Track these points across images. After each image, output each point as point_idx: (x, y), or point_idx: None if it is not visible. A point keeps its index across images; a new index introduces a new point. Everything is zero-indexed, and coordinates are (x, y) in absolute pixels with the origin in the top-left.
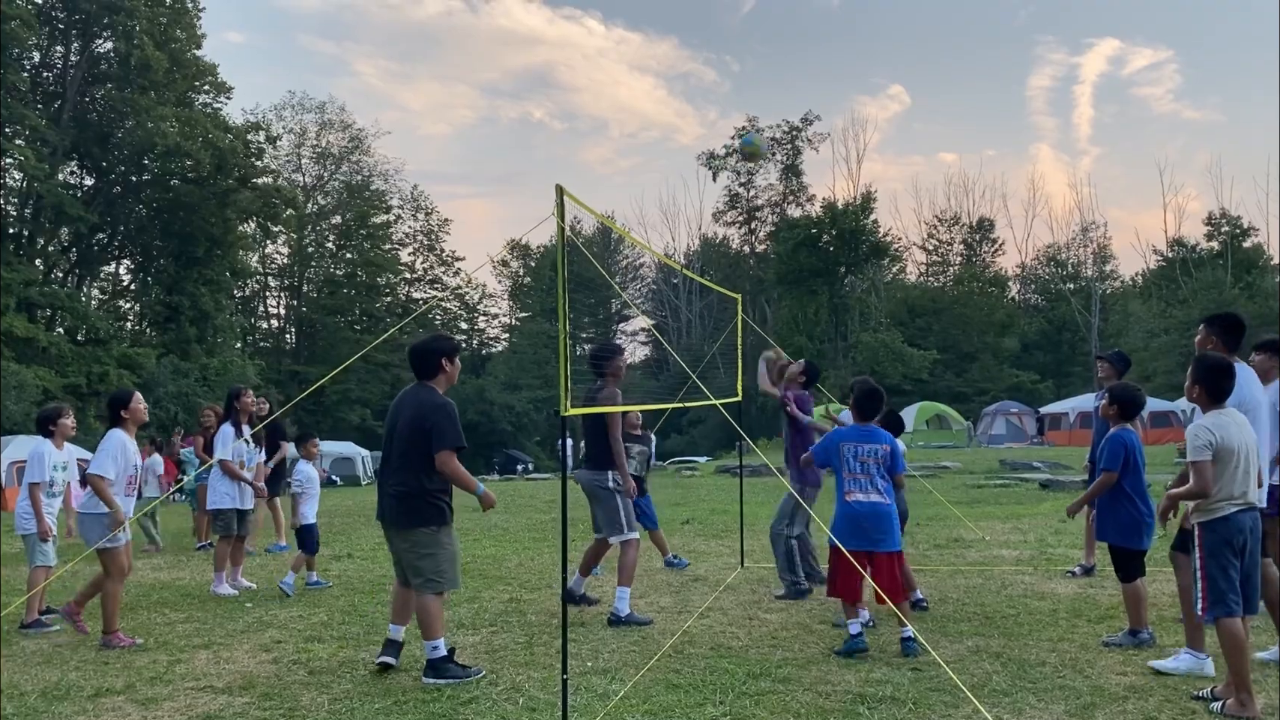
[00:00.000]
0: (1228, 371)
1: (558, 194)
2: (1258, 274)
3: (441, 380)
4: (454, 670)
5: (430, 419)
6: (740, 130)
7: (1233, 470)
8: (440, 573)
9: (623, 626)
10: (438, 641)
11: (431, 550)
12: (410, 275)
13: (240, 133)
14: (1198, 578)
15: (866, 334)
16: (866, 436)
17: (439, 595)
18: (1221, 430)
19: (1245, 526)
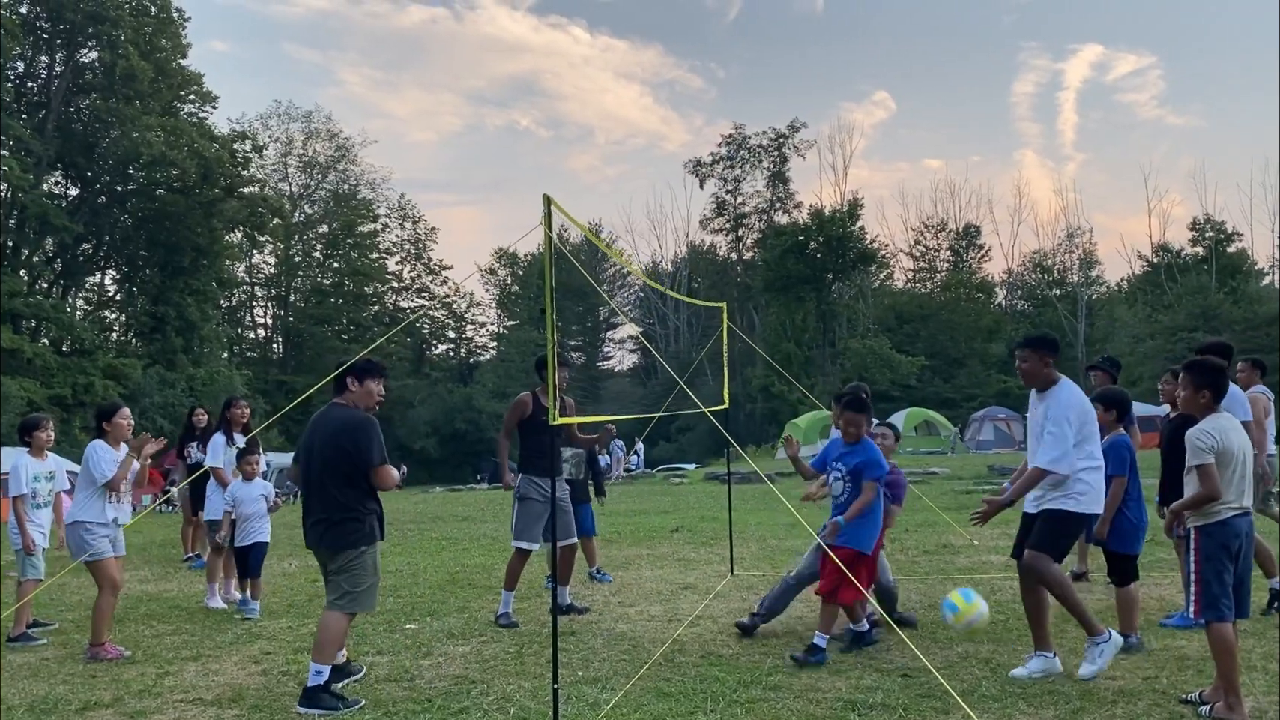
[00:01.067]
0: (1225, 372)
1: (545, 204)
2: (1241, 279)
3: (348, 398)
4: (328, 701)
5: (350, 437)
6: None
7: (1231, 474)
8: (356, 594)
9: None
10: (324, 667)
11: (355, 571)
12: (398, 284)
13: (226, 142)
14: (1191, 581)
15: (854, 340)
16: None
17: (349, 616)
18: (1221, 434)
19: (1242, 531)
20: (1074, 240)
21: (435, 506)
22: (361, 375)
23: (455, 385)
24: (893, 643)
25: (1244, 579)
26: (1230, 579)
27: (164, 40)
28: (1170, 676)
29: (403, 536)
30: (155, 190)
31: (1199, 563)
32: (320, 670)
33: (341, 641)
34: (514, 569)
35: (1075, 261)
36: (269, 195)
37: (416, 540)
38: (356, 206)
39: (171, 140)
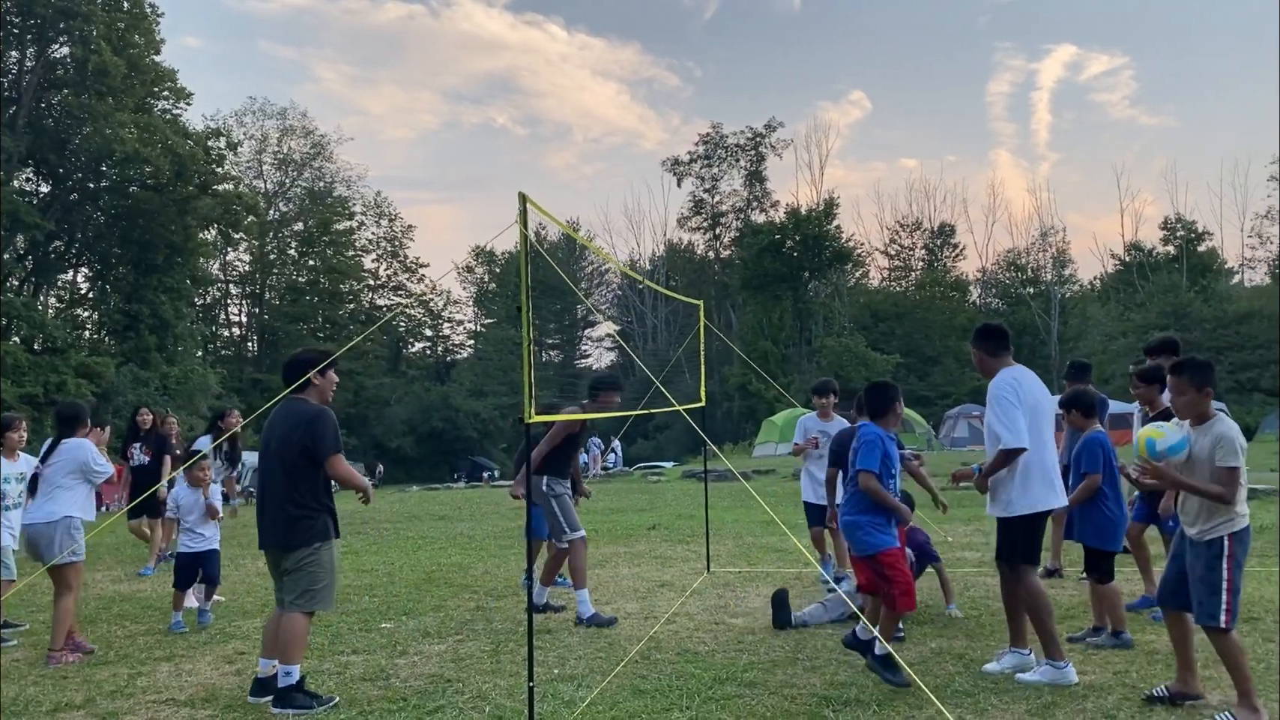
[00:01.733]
0: (1212, 367)
1: (520, 201)
2: (1212, 278)
3: (313, 393)
4: (301, 700)
5: (306, 430)
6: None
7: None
8: (314, 592)
9: (590, 627)
10: (293, 668)
11: (310, 569)
12: (374, 282)
13: (200, 139)
14: (1223, 589)
15: (830, 338)
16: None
17: (309, 616)
18: (1239, 435)
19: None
20: (1047, 239)
21: (412, 506)
22: (324, 370)
23: (432, 384)
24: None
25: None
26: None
27: (137, 36)
28: (1140, 670)
29: (379, 535)
30: (128, 187)
31: (1231, 570)
32: (289, 671)
33: (304, 641)
34: (580, 563)
35: (1049, 260)
36: (244, 192)
37: (392, 539)
38: (332, 204)
39: (145, 137)
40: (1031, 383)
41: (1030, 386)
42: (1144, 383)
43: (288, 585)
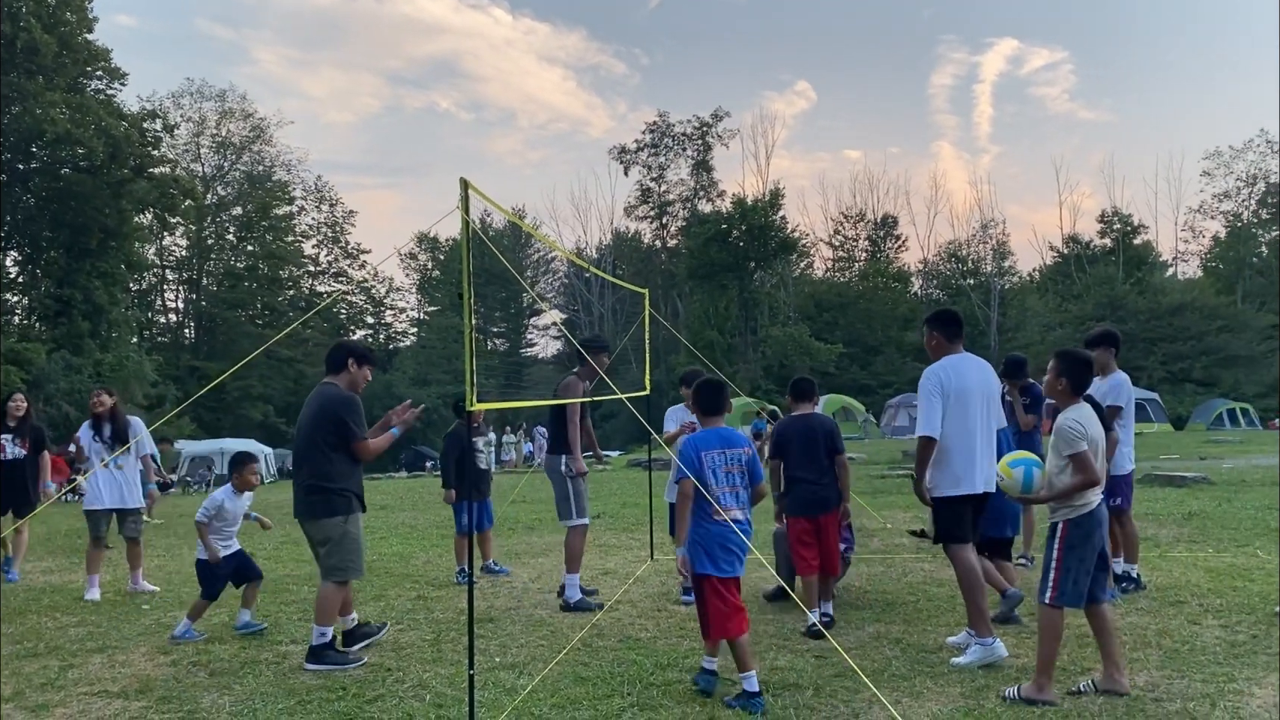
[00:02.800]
0: (1090, 365)
1: (462, 187)
2: (1147, 270)
3: (344, 379)
4: (333, 657)
5: (332, 413)
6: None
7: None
8: (345, 564)
9: (572, 612)
10: (327, 629)
11: (337, 540)
12: (314, 268)
13: (135, 121)
14: (1051, 568)
15: (775, 328)
16: (728, 441)
17: (341, 585)
18: (1086, 423)
19: (1104, 518)
20: (988, 231)
21: None
22: (361, 359)
23: (374, 372)
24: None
25: (1100, 564)
26: (1089, 567)
27: (68, 13)
28: (1072, 653)
29: None
30: (60, 169)
31: (1062, 552)
32: (324, 632)
33: (336, 606)
34: (577, 550)
35: (989, 252)
36: (180, 176)
37: None
38: (272, 188)
39: (77, 118)
40: (966, 370)
41: (964, 374)
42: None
43: (319, 560)
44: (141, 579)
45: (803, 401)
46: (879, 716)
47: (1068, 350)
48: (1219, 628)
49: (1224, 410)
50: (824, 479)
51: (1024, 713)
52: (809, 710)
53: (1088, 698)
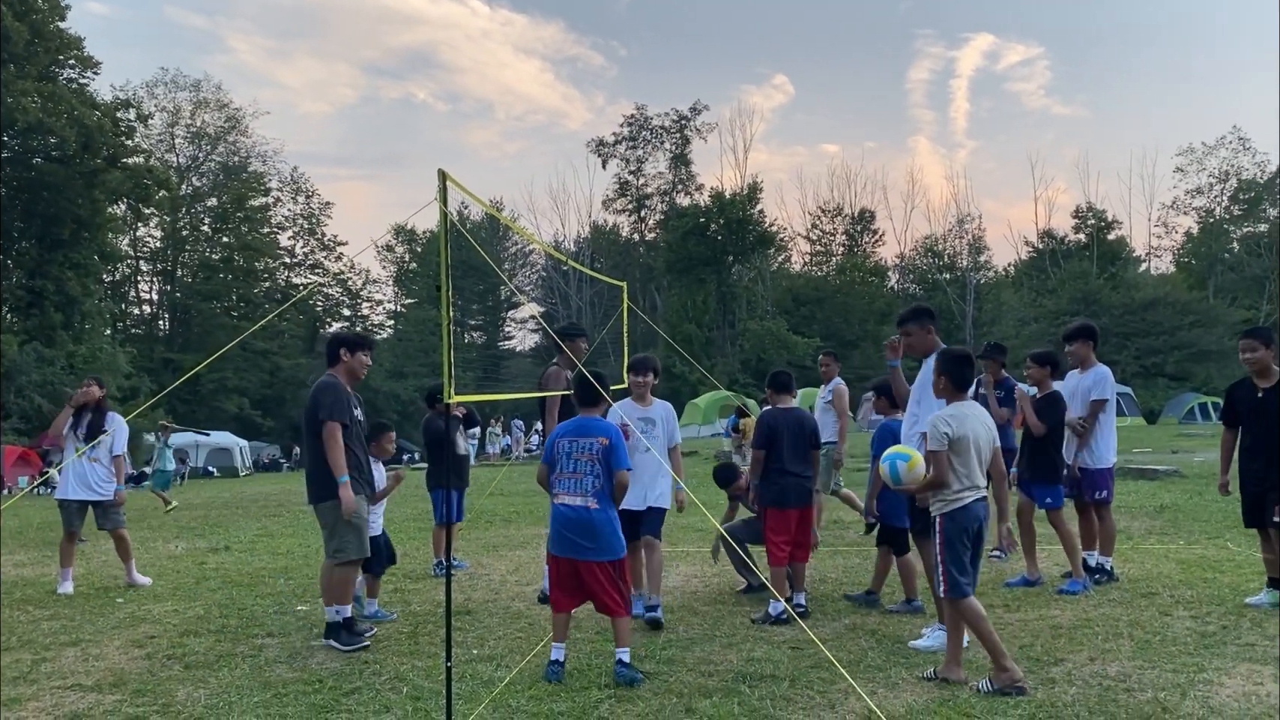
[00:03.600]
0: (969, 361)
1: (440, 179)
2: (1120, 265)
3: (341, 369)
4: (344, 638)
5: (313, 397)
6: (628, 118)
7: (969, 460)
8: (345, 544)
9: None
10: (339, 607)
11: (333, 523)
12: (290, 260)
13: (109, 110)
14: (938, 563)
15: (753, 322)
16: (581, 430)
17: (343, 565)
18: (957, 421)
19: (980, 514)
20: (964, 226)
21: None
22: (353, 347)
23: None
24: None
25: (975, 560)
26: (968, 559)
27: (40, 1)
28: (1044, 644)
29: (294, 519)
30: (32, 159)
31: (943, 548)
32: (338, 610)
33: (341, 585)
34: None
35: (965, 247)
36: (155, 166)
37: (309, 522)
38: (247, 179)
39: (49, 107)
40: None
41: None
42: (1037, 365)
43: (324, 541)
44: (135, 572)
45: (785, 394)
46: (855, 707)
47: (947, 349)
48: (1190, 619)
49: (1195, 405)
50: (807, 472)
51: (998, 704)
52: (785, 701)
53: (1059, 686)
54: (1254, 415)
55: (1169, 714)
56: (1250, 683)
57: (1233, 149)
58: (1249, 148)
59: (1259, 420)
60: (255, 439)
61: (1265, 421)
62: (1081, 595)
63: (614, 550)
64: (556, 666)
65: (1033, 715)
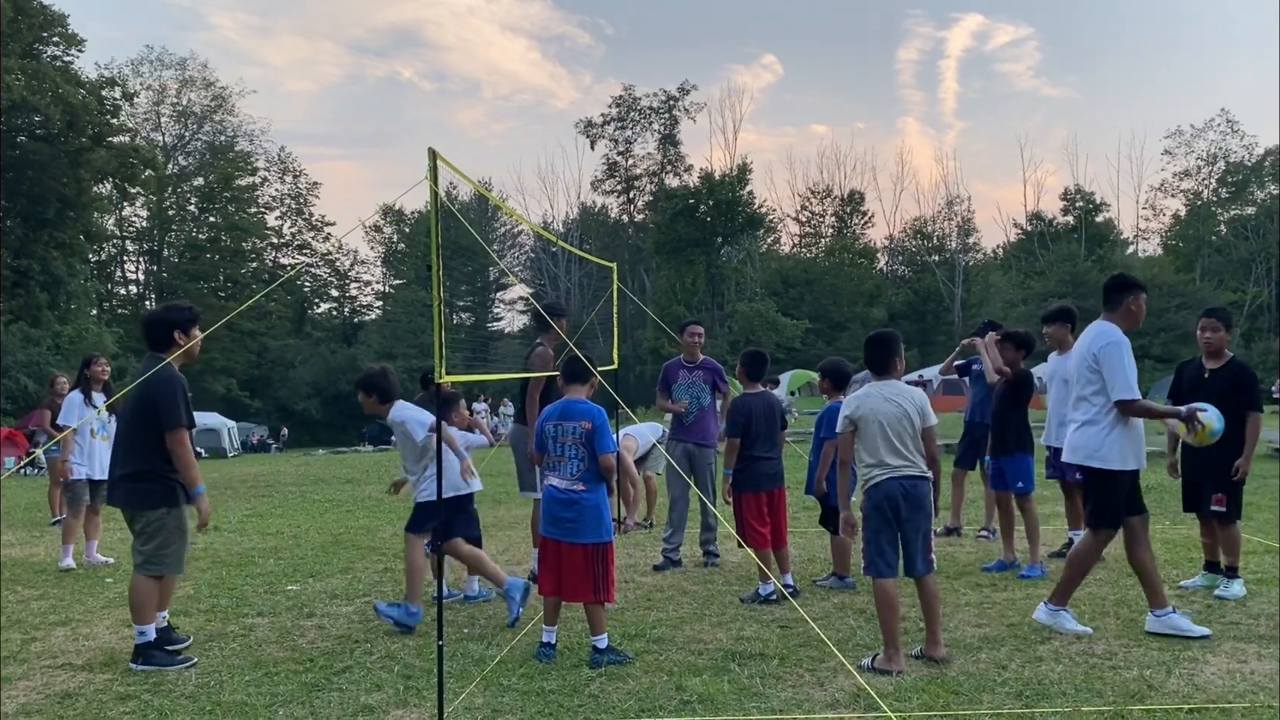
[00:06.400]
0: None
1: (431, 158)
2: (1108, 247)
3: (174, 352)
4: (160, 658)
5: (153, 396)
6: (616, 98)
7: (872, 439)
8: (163, 555)
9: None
10: (147, 627)
11: (157, 534)
12: (277, 240)
13: (94, 88)
14: (863, 541)
15: (742, 303)
16: (566, 413)
17: (157, 579)
18: (859, 401)
19: (894, 493)
20: (953, 208)
21: (318, 469)
22: (188, 325)
23: (338, 345)
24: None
25: (911, 538)
26: (887, 539)
27: None
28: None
29: (284, 499)
30: (16, 137)
31: (864, 525)
32: (143, 630)
33: (153, 602)
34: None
35: (954, 229)
36: (140, 145)
37: (298, 502)
38: (234, 159)
39: (33, 85)
40: None
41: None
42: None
43: (134, 550)
44: (96, 550)
45: (758, 380)
46: (844, 684)
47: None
48: (1175, 598)
49: None
50: (777, 454)
51: (985, 680)
52: (775, 679)
53: (1046, 664)
54: (1196, 395)
55: (1154, 691)
56: (1234, 660)
57: (1221, 132)
58: (1237, 130)
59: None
60: (243, 419)
61: (1207, 402)
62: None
63: (597, 533)
64: (547, 648)
65: (1020, 692)
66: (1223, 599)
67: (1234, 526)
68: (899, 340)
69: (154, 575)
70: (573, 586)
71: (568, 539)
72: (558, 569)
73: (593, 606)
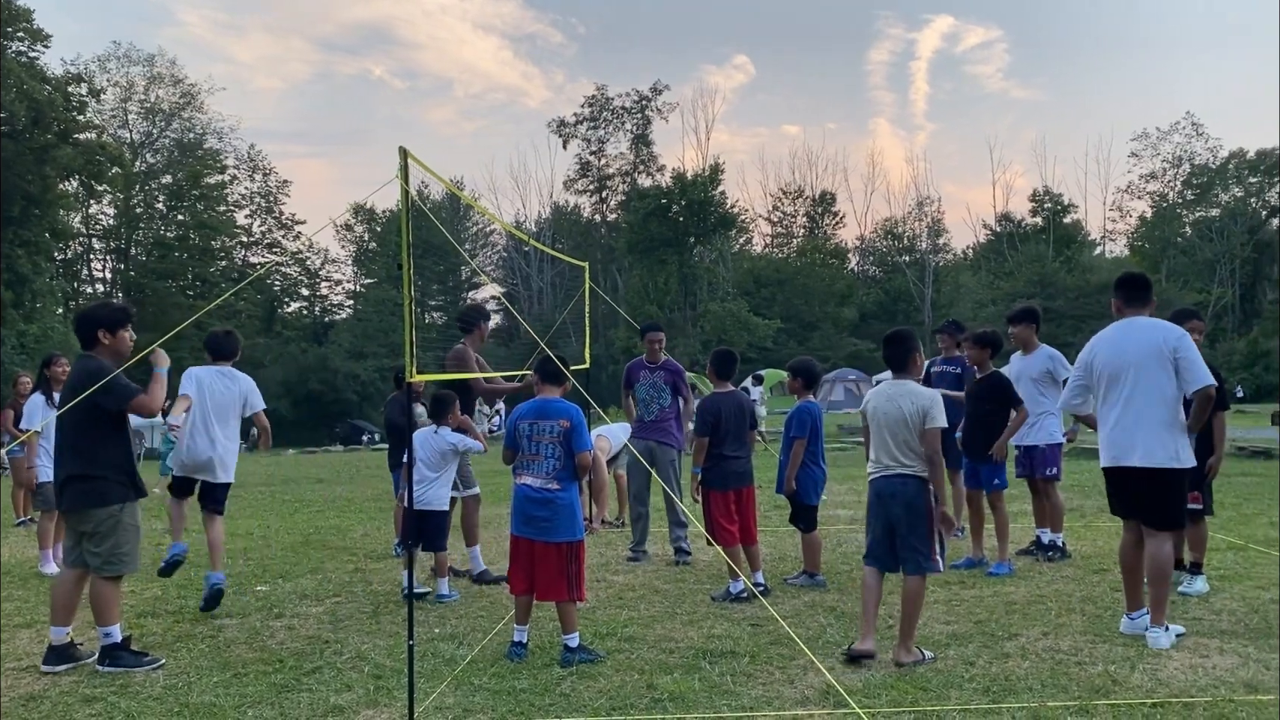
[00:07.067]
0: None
1: (401, 156)
2: (1076, 249)
3: (104, 351)
4: (127, 659)
5: (85, 392)
6: (588, 98)
7: (872, 437)
8: (120, 555)
9: (480, 585)
10: (112, 628)
11: (111, 532)
12: (247, 238)
13: (60, 84)
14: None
15: (714, 303)
16: (542, 412)
17: (117, 579)
18: (870, 398)
19: (883, 491)
20: (923, 209)
21: (288, 469)
22: (115, 325)
23: (309, 345)
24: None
25: (902, 534)
26: (876, 530)
27: None
28: (999, 620)
29: (254, 499)
30: None
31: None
32: (109, 632)
33: (116, 602)
34: (474, 521)
35: (924, 229)
36: (108, 142)
37: (268, 503)
38: (203, 156)
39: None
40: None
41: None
42: (976, 346)
43: (89, 554)
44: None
45: (728, 378)
46: (814, 682)
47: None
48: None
49: None
50: (745, 454)
51: (953, 677)
52: (745, 677)
53: (1013, 660)
54: None
55: (1119, 686)
56: (1197, 655)
57: (1186, 134)
58: (1202, 133)
59: None
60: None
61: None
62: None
63: (571, 531)
64: (519, 648)
65: (987, 688)
66: (1186, 595)
67: (1203, 524)
68: (914, 337)
69: (113, 576)
70: (546, 585)
71: (542, 538)
72: (530, 568)
73: (565, 605)
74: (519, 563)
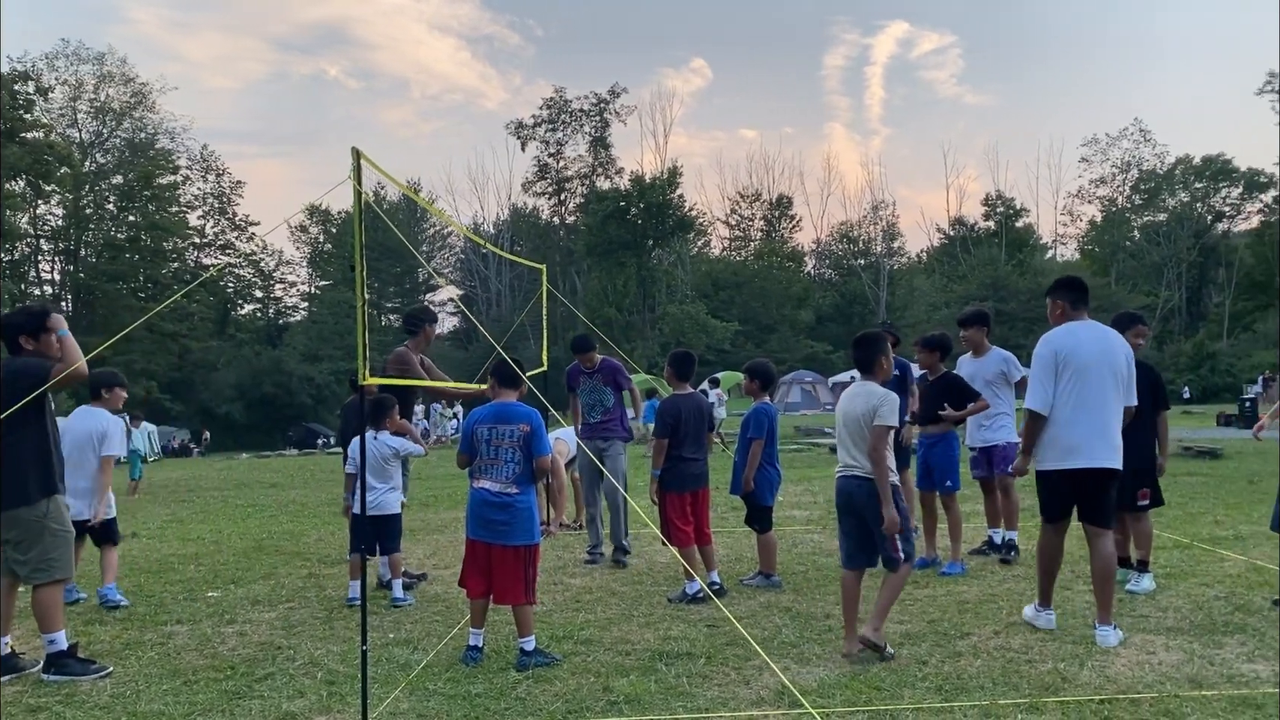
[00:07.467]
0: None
1: (354, 157)
2: (1028, 252)
3: (31, 356)
4: (74, 667)
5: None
6: (547, 100)
7: (837, 437)
8: (50, 561)
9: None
10: (57, 635)
11: (38, 538)
12: (200, 240)
13: (6, 82)
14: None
15: (673, 306)
16: (501, 416)
17: (55, 584)
18: (840, 400)
19: (843, 489)
20: (878, 213)
21: (241, 473)
22: (35, 330)
23: (263, 347)
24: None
25: (872, 533)
26: (843, 529)
27: None
28: (951, 619)
29: (205, 504)
30: None
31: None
32: (54, 639)
33: (59, 608)
34: None
35: (879, 233)
36: (56, 141)
37: (220, 507)
38: (154, 156)
39: None
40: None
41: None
42: (925, 349)
43: (16, 563)
44: None
45: (686, 380)
46: (769, 682)
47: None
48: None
49: None
50: (703, 455)
51: (907, 676)
52: (701, 678)
53: (965, 659)
54: None
55: (1068, 683)
56: (1143, 653)
57: (1134, 140)
58: (1149, 139)
59: None
60: (163, 424)
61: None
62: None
63: (528, 534)
64: (474, 652)
65: (940, 686)
66: (1134, 593)
67: (1147, 521)
68: (883, 340)
69: (49, 582)
70: (503, 589)
71: (499, 541)
72: (487, 571)
73: (521, 608)
74: (475, 566)
